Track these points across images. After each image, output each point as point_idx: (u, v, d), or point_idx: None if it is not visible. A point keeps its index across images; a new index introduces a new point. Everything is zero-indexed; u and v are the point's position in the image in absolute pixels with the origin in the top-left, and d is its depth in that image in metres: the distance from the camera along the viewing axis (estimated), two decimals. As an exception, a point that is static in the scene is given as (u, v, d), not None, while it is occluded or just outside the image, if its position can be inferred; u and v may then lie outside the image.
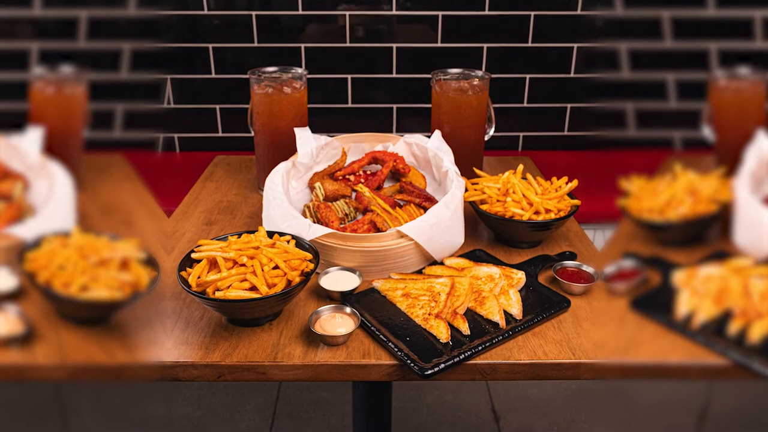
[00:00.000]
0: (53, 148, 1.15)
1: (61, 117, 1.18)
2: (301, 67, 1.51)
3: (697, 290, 0.92)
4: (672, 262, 0.99)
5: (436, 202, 1.12)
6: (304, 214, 1.12)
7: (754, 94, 1.16)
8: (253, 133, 1.32)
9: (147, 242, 0.96)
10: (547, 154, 1.72)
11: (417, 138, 1.29)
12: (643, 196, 1.05)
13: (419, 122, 1.66)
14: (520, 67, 1.68)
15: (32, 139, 1.16)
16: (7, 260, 0.95)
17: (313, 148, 1.23)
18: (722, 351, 0.84)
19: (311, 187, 1.21)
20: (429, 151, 1.25)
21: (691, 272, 0.94)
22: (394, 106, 1.67)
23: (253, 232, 0.97)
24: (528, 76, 1.70)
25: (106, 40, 1.52)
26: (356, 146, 1.30)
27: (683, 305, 0.90)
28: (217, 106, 1.68)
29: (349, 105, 1.67)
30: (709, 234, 1.06)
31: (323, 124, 1.60)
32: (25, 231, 0.97)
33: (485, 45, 1.63)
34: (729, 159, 1.11)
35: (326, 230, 1.00)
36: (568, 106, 1.75)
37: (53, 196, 1.05)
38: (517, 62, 1.67)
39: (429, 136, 1.28)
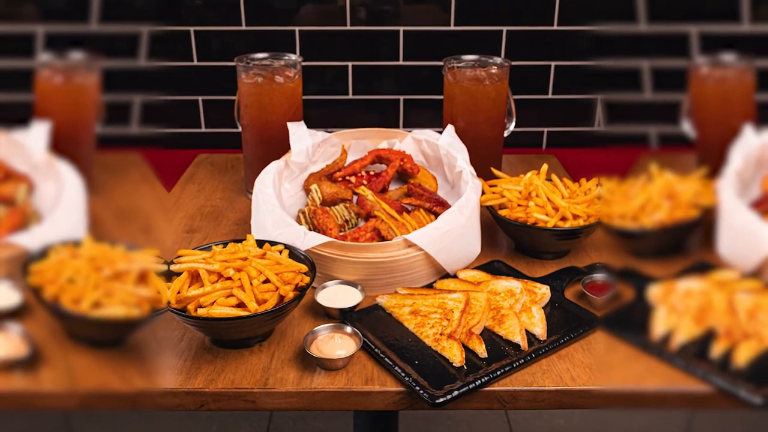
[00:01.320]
0: (61, 146, 1.15)
1: (70, 110, 1.18)
2: (295, 53, 1.51)
3: (676, 307, 0.91)
4: (647, 275, 0.98)
5: (449, 206, 1.12)
6: (298, 221, 1.12)
7: (740, 84, 1.15)
8: (240, 129, 1.31)
9: (168, 252, 0.96)
10: (575, 152, 1.72)
11: (427, 134, 1.29)
12: (614, 200, 1.05)
13: (429, 116, 1.67)
14: (544, 53, 1.69)
15: (37, 135, 1.16)
16: (9, 273, 0.95)
17: (309, 146, 1.23)
18: (704, 376, 0.84)
19: (307, 190, 1.21)
20: (441, 149, 1.25)
21: (669, 287, 0.93)
22: (401, 97, 1.68)
23: (240, 240, 0.97)
24: (553, 64, 1.70)
25: (122, 22, 1.50)
26: (358, 143, 1.30)
27: (660, 324, 0.90)
28: (200, 98, 1.69)
29: (350, 96, 1.68)
30: (689, 243, 1.05)
31: (320, 117, 1.60)
32: (30, 240, 0.97)
33: (504, 28, 1.63)
34: (712, 158, 1.11)
35: (324, 239, 1.00)
36: (598, 97, 1.76)
37: (61, 200, 1.05)
38: (540, 48, 1.68)
39: (440, 132, 1.29)
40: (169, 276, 0.91)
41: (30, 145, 1.15)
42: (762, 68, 1.17)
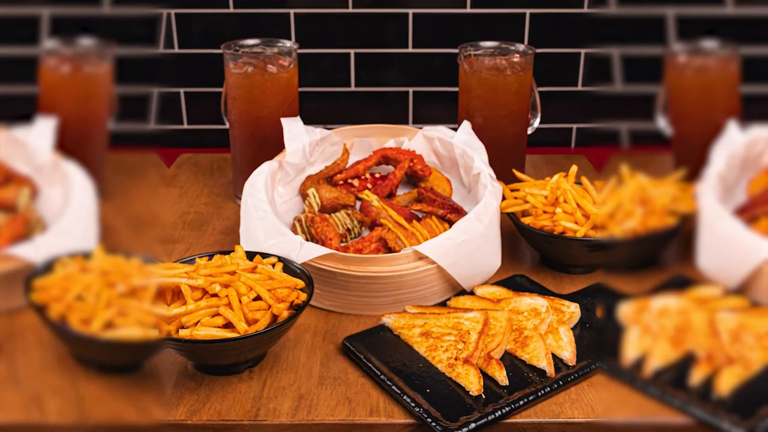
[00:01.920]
0: (69, 144, 1.15)
1: (79, 104, 1.19)
2: (290, 39, 1.52)
3: (650, 328, 0.91)
4: (617, 291, 0.98)
5: (465, 213, 1.13)
6: (294, 230, 1.13)
7: (723, 75, 1.15)
8: (228, 125, 1.33)
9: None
10: (608, 152, 1.72)
11: (440, 131, 1.30)
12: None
13: (442, 110, 1.66)
14: (573, 39, 1.69)
15: (42, 132, 1.16)
16: (9, 290, 0.96)
17: (306, 145, 1.24)
18: (682, 406, 0.84)
19: (303, 195, 1.23)
20: (455, 148, 1.26)
21: (642, 305, 0.94)
22: (410, 89, 1.68)
23: (228, 252, 0.98)
24: (583, 51, 1.70)
25: (138, 4, 1.49)
26: (361, 142, 1.32)
27: (632, 348, 0.90)
28: (182, 90, 1.69)
29: (352, 88, 1.68)
30: (665, 255, 1.05)
31: (319, 112, 1.59)
32: (33, 251, 0.98)
33: (528, 11, 1.64)
34: (691, 158, 1.11)
35: (323, 250, 1.01)
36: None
37: (69, 206, 1.05)
38: (568, 33, 1.68)
39: (455, 129, 1.29)
40: None
41: (34, 143, 1.16)
42: (748, 56, 1.17)
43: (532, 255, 1.17)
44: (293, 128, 1.24)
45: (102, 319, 0.84)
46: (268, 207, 1.08)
